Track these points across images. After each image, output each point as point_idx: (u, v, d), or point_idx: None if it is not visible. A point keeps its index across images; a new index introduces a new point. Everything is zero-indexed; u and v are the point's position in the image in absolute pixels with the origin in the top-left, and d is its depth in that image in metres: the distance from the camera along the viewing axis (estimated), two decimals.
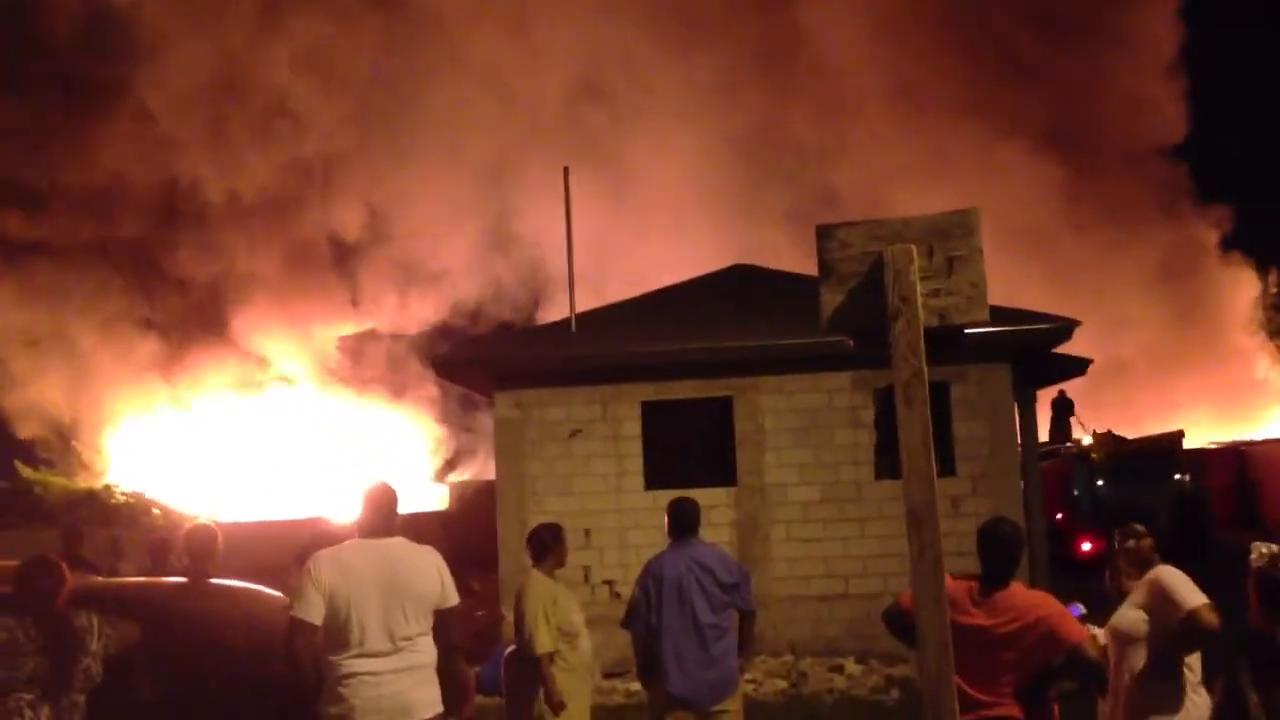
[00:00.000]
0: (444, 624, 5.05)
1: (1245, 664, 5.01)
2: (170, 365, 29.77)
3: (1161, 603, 4.97)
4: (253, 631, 6.24)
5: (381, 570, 4.90)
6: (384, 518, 5.08)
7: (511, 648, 6.98)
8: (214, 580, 6.62)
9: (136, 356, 29.58)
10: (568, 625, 6.59)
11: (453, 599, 5.06)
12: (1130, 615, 5.10)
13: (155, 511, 22.53)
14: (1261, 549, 5.60)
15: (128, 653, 5.33)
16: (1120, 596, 5.30)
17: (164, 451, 27.82)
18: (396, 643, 4.84)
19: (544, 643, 6.42)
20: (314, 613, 4.81)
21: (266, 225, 31.25)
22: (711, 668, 6.37)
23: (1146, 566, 5.15)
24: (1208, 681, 5.08)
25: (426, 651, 4.95)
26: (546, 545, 6.81)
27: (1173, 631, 4.89)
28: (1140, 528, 5.28)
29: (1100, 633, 5.19)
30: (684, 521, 6.70)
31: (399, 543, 5.05)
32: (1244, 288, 36.56)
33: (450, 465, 30.32)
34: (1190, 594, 4.89)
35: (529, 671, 6.61)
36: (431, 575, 5.00)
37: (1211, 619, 4.79)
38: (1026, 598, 4.63)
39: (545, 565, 6.76)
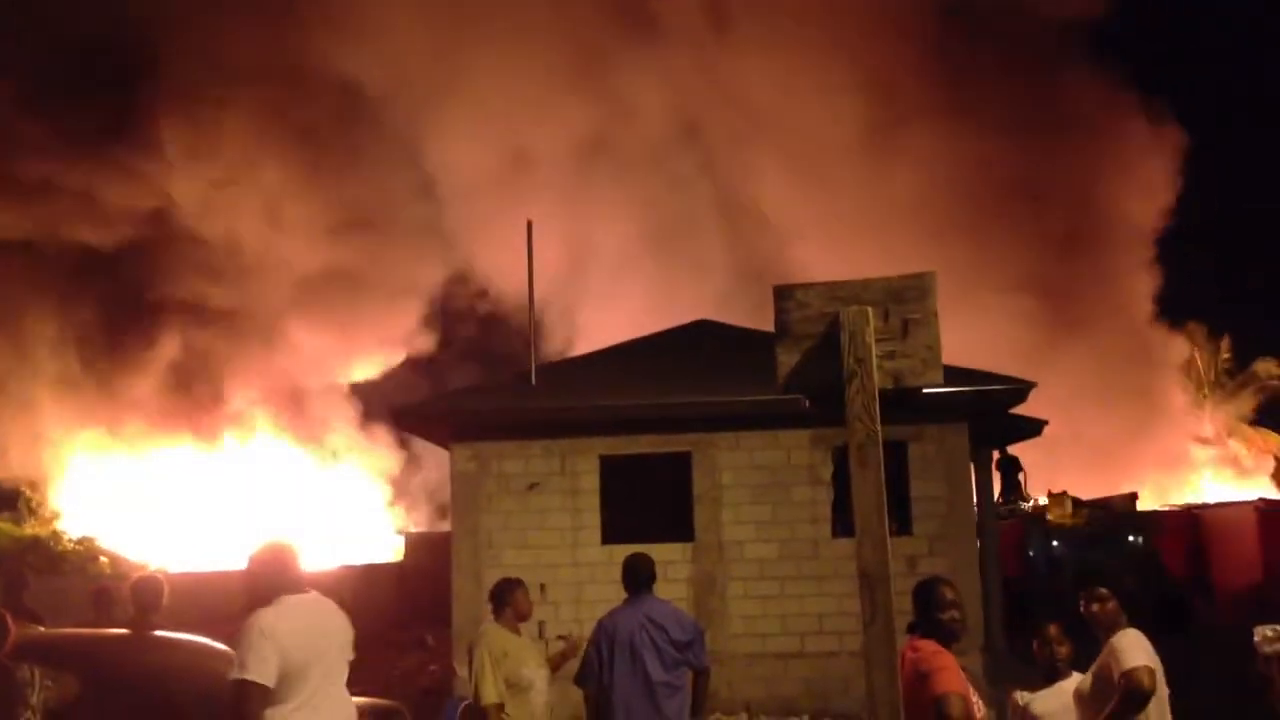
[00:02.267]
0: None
1: None
2: (123, 411, 29.42)
3: (1108, 663, 4.99)
4: (198, 685, 6.11)
5: (325, 625, 4.86)
6: (299, 572, 4.96)
7: (466, 701, 6.90)
8: (159, 632, 6.50)
9: (88, 402, 29.22)
10: (515, 678, 6.50)
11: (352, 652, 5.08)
12: (1087, 678, 5.13)
13: (103, 559, 22.16)
14: (1266, 632, 5.66)
15: (67, 707, 5.20)
16: (1046, 661, 5.34)
17: (114, 498, 27.43)
18: (336, 695, 4.80)
19: (488, 694, 6.33)
20: (269, 675, 4.66)
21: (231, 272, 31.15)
22: None
23: (1115, 629, 5.16)
24: None
25: (350, 702, 4.93)
26: (501, 598, 6.75)
27: (1115, 692, 4.89)
28: (1104, 590, 5.28)
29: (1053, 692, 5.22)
30: (638, 578, 6.67)
31: (320, 596, 4.98)
32: (1191, 353, 37.22)
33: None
34: (1134, 655, 4.89)
35: None
36: (349, 629, 5.00)
37: (1144, 680, 4.78)
38: (915, 651, 4.53)
39: (504, 618, 6.70)
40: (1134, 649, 4.93)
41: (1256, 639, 5.74)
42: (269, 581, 4.81)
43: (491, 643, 6.49)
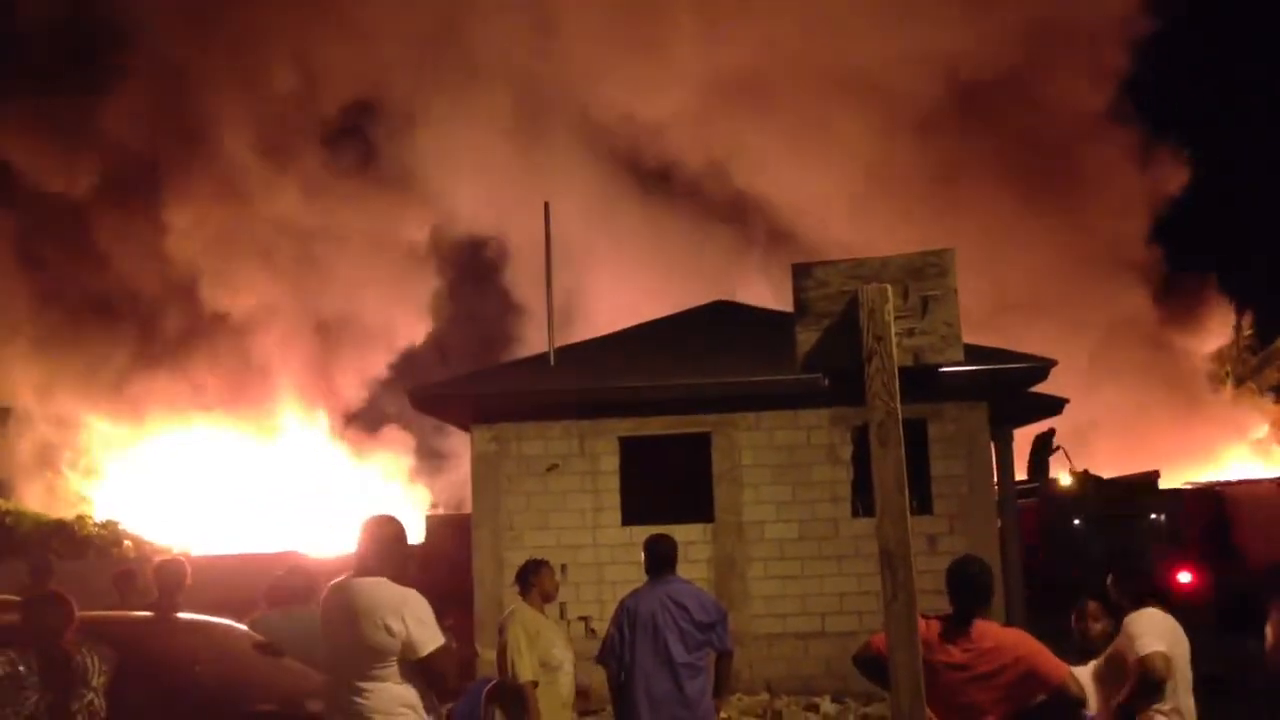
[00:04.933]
0: (424, 673, 4.67)
1: None
2: (147, 396, 29.59)
3: (1121, 644, 4.92)
4: (220, 667, 6.16)
5: (344, 613, 4.65)
6: (374, 554, 4.75)
7: (494, 681, 6.91)
8: (181, 615, 6.55)
9: (113, 384, 29.41)
10: (547, 657, 6.51)
11: (423, 648, 4.60)
12: (1102, 659, 5.07)
13: (127, 543, 22.31)
14: None
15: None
16: (1083, 637, 5.27)
17: (139, 482, 27.64)
18: (350, 690, 4.60)
19: (524, 671, 6.32)
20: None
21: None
22: (685, 706, 6.32)
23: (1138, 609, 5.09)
24: None
25: (381, 704, 4.58)
26: (528, 579, 6.75)
27: (1130, 678, 4.82)
28: (1130, 572, 5.21)
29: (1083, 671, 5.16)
30: (660, 559, 6.69)
31: (373, 584, 4.69)
32: (1218, 330, 36.96)
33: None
34: (1149, 640, 4.80)
35: (511, 704, 6.53)
36: (388, 623, 4.58)
37: (1159, 666, 4.70)
38: (1004, 636, 4.61)
39: (530, 598, 6.71)
40: (1147, 632, 4.85)
41: None
42: (355, 559, 4.87)
43: (525, 622, 6.48)
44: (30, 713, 4.75)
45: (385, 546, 4.81)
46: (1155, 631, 4.86)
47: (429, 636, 4.65)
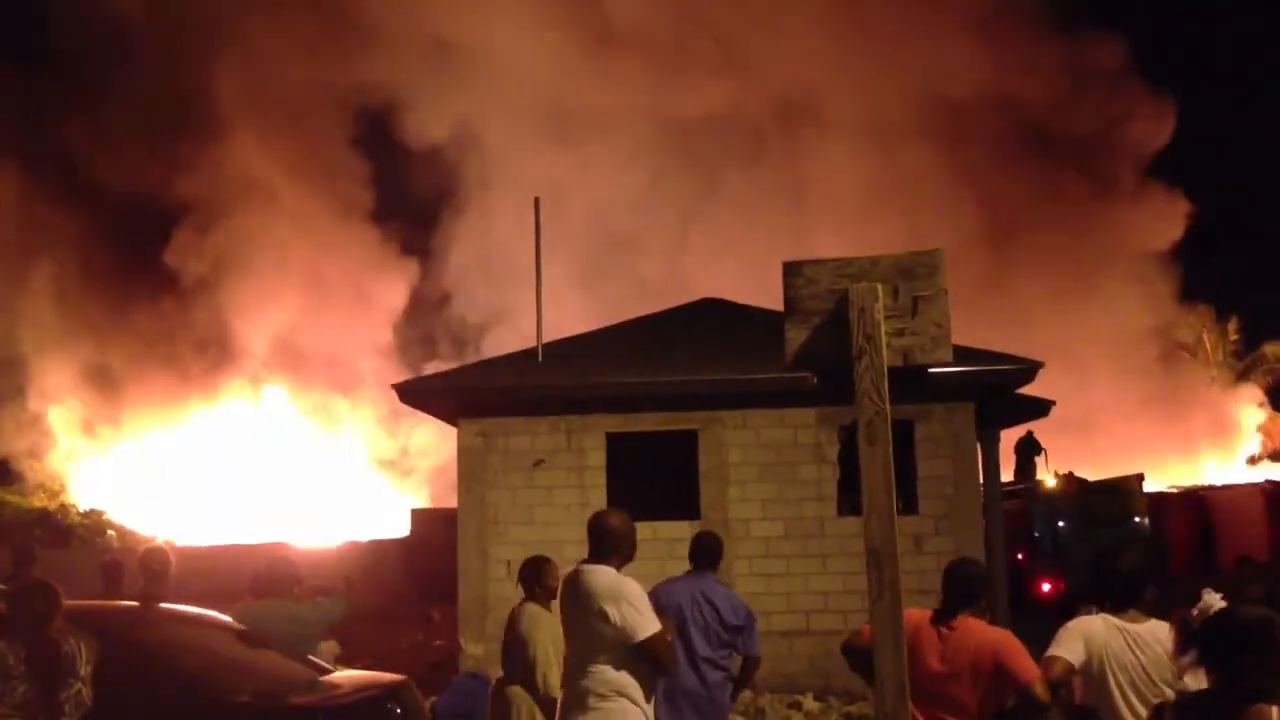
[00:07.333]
0: (643, 660, 4.87)
1: None
2: (136, 385, 29.47)
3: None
4: (203, 658, 6.14)
5: (570, 600, 5.04)
6: (599, 544, 5.20)
7: (496, 679, 6.85)
8: (165, 605, 6.53)
9: (102, 374, 29.28)
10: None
11: (638, 634, 4.82)
12: None
13: (110, 532, 22.24)
14: (1206, 596, 5.57)
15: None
16: None
17: (124, 471, 27.52)
18: (575, 673, 4.91)
19: (557, 685, 6.14)
20: None
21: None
22: (708, 700, 6.33)
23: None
24: None
25: (596, 686, 4.80)
26: (533, 578, 6.69)
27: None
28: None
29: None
30: (699, 554, 6.77)
31: (594, 570, 5.08)
32: (1199, 334, 37.14)
33: None
34: (1052, 649, 4.61)
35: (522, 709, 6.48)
36: (605, 609, 4.86)
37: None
38: (986, 634, 4.62)
39: (536, 596, 6.65)
40: (1056, 641, 4.67)
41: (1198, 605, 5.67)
42: None
43: (550, 630, 6.33)
44: (17, 703, 4.72)
45: (609, 536, 5.22)
46: (1062, 639, 4.68)
47: (644, 623, 4.82)
